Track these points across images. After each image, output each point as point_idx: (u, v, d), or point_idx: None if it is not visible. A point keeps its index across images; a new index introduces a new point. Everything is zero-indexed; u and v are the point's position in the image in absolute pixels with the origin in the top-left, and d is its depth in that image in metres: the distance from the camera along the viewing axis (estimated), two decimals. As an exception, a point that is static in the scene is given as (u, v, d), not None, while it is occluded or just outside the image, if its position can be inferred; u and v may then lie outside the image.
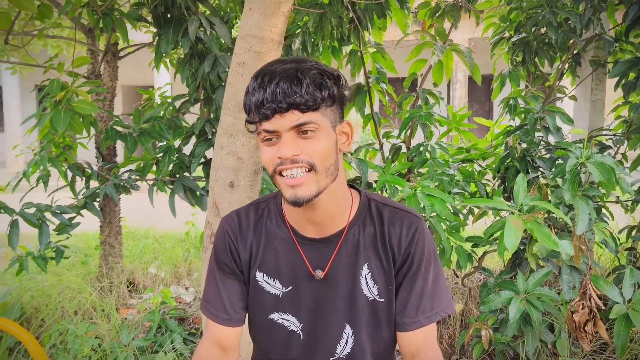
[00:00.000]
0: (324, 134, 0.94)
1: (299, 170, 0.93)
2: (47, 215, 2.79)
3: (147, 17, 3.07)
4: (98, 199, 2.99)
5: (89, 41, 3.63)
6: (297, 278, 1.07)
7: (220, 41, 2.87)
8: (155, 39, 2.90)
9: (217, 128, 1.93)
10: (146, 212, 4.38)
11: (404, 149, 3.04)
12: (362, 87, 3.14)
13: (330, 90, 0.94)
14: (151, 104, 3.47)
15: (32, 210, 2.74)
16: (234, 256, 1.09)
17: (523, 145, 2.65)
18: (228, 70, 1.98)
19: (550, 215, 2.30)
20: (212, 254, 1.13)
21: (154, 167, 2.96)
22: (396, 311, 1.06)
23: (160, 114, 2.98)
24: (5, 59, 4.14)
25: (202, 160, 2.83)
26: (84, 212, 2.98)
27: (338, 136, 0.99)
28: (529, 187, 2.39)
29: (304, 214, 1.03)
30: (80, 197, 2.99)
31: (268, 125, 0.92)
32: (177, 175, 2.89)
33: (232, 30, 2.98)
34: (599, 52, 3.37)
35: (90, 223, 3.68)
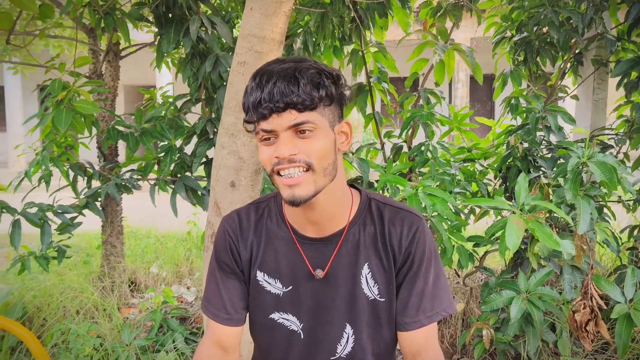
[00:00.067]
0: (322, 134, 0.94)
1: (296, 170, 0.93)
2: (49, 214, 2.80)
3: (149, 16, 3.07)
4: (100, 199, 2.99)
5: (91, 41, 3.63)
6: (298, 278, 1.06)
7: (222, 41, 2.87)
8: (157, 38, 2.91)
9: (218, 128, 1.93)
10: (148, 211, 4.38)
11: (405, 149, 3.04)
12: (363, 87, 3.14)
13: (328, 89, 0.93)
14: (153, 104, 3.47)
15: (34, 210, 2.74)
16: (235, 256, 1.09)
17: (525, 145, 2.64)
18: (229, 70, 1.98)
19: (552, 214, 2.29)
20: (212, 253, 1.13)
21: (155, 167, 2.97)
22: (397, 311, 1.06)
23: (161, 114, 2.99)
24: (7, 59, 4.14)
25: (204, 160, 2.83)
26: (86, 211, 2.98)
27: (337, 136, 0.99)
28: (530, 186, 2.38)
29: (303, 214, 1.03)
30: (82, 196, 2.99)
31: (265, 124, 0.92)
32: (179, 175, 2.89)
33: (234, 30, 2.98)
34: (601, 52, 3.36)
35: (92, 223, 3.68)
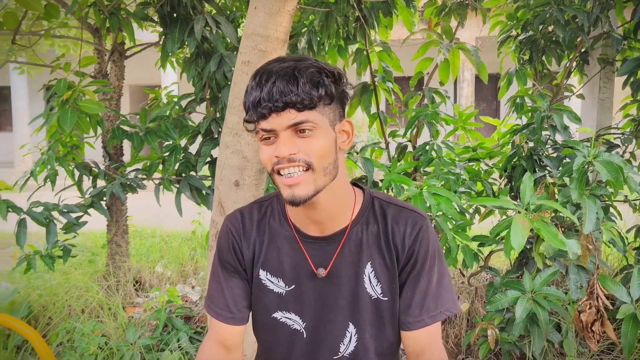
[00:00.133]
0: (321, 133, 0.94)
1: (296, 169, 0.93)
2: (55, 214, 2.81)
3: (154, 16, 3.07)
4: (105, 198, 3.00)
5: (96, 41, 3.64)
6: (300, 276, 1.06)
7: (226, 40, 2.87)
8: (162, 38, 2.91)
9: (223, 127, 1.93)
10: (153, 211, 4.39)
11: (410, 148, 3.03)
12: (368, 86, 3.14)
13: (328, 88, 0.93)
14: (157, 103, 3.48)
15: (39, 209, 2.75)
16: (238, 255, 1.09)
17: (530, 144, 2.63)
18: (234, 69, 1.98)
19: (557, 214, 2.28)
20: (215, 252, 1.13)
21: (160, 166, 2.97)
22: (400, 310, 1.06)
23: (166, 113, 2.99)
24: (13, 59, 4.16)
25: (208, 159, 2.84)
26: (91, 211, 2.99)
27: (338, 134, 0.98)
28: (535, 186, 2.37)
29: (305, 213, 1.02)
30: (87, 196, 3.00)
31: (265, 124, 0.92)
32: (183, 175, 2.90)
33: (238, 30, 2.98)
34: (607, 50, 3.35)
35: (97, 222, 3.69)
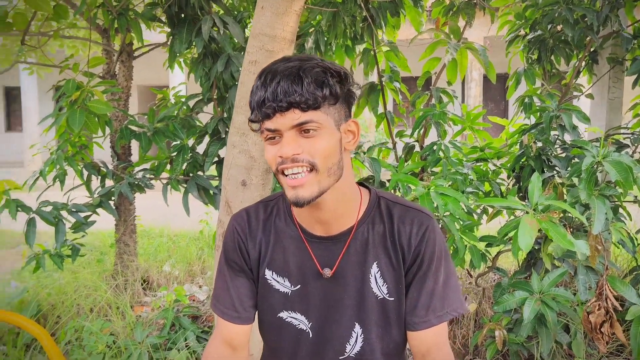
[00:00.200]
0: (326, 133, 0.94)
1: (300, 170, 0.93)
2: (64, 213, 2.82)
3: (161, 17, 3.09)
4: (113, 198, 3.02)
5: (104, 41, 3.67)
6: (306, 276, 1.06)
7: (234, 40, 2.88)
8: (169, 38, 2.92)
9: (230, 127, 1.94)
10: (160, 211, 4.41)
11: (417, 148, 3.02)
12: (375, 86, 3.13)
13: (333, 88, 0.93)
14: (165, 104, 3.49)
15: (48, 208, 2.77)
16: (243, 254, 1.09)
17: (538, 144, 2.61)
18: (241, 69, 1.98)
19: (566, 214, 2.27)
20: (221, 252, 1.13)
21: (168, 166, 2.99)
22: (406, 310, 1.05)
23: (174, 114, 3.00)
24: (22, 59, 4.20)
25: (216, 159, 2.85)
26: (100, 210, 3.01)
27: (343, 135, 0.98)
28: (544, 186, 2.36)
29: (310, 213, 1.02)
30: (95, 195, 3.02)
31: (270, 124, 0.92)
32: (191, 174, 2.91)
33: (246, 30, 2.99)
34: (616, 50, 3.32)
35: (105, 221, 3.71)
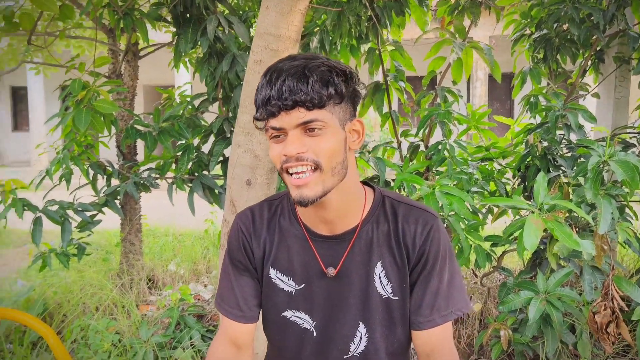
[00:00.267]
0: (331, 132, 0.93)
1: (304, 168, 0.93)
2: (70, 212, 2.84)
3: (167, 16, 3.10)
4: (119, 197, 3.03)
5: (110, 41, 3.68)
6: (310, 275, 1.06)
7: (239, 40, 2.88)
8: (175, 38, 2.93)
9: (235, 126, 1.94)
10: (166, 210, 4.42)
11: (422, 148, 3.02)
12: (380, 86, 3.13)
13: (338, 87, 0.93)
14: (171, 103, 3.50)
15: (55, 207, 2.79)
16: (248, 253, 1.09)
17: (544, 144, 2.60)
18: (246, 69, 1.99)
19: (572, 214, 2.26)
20: (226, 250, 1.13)
21: (173, 166, 2.99)
22: (411, 310, 1.05)
23: (179, 113, 3.01)
24: (29, 59, 4.22)
25: (221, 158, 2.85)
26: (105, 209, 3.02)
27: (348, 134, 0.98)
28: (549, 185, 2.35)
29: (315, 212, 1.02)
30: (101, 195, 3.03)
31: (275, 122, 0.92)
32: (196, 174, 2.92)
33: (251, 29, 2.99)
34: (623, 49, 3.30)
35: (111, 221, 3.73)
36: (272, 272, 1.08)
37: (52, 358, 2.79)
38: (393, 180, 2.72)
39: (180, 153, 2.89)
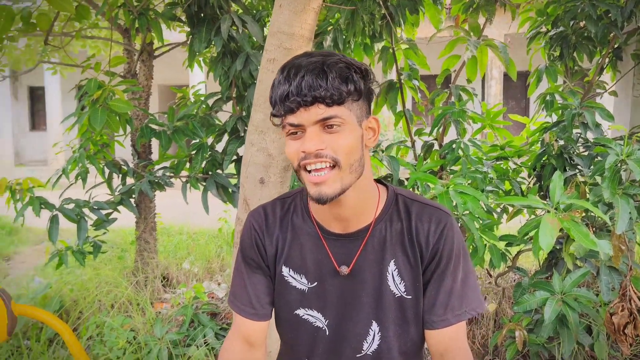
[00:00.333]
0: (349, 129, 0.93)
1: (322, 165, 0.92)
2: (86, 211, 2.87)
3: (181, 16, 3.12)
4: (134, 196, 3.06)
5: (125, 41, 3.71)
6: (323, 274, 1.06)
7: (252, 39, 2.89)
8: (189, 38, 2.95)
9: (248, 125, 1.94)
10: (180, 209, 4.45)
11: (436, 146, 3.00)
12: (394, 84, 3.12)
13: (357, 84, 0.92)
14: (185, 102, 3.52)
15: (71, 206, 2.82)
16: (260, 251, 1.09)
17: (560, 142, 2.57)
18: (259, 68, 1.99)
19: (589, 214, 2.23)
20: (239, 248, 1.13)
21: (187, 165, 3.01)
22: (424, 309, 1.04)
23: (193, 112, 3.03)
24: (46, 59, 4.27)
25: (234, 157, 2.86)
26: (121, 208, 3.05)
27: (364, 131, 0.97)
28: (565, 185, 2.32)
29: (329, 210, 1.02)
30: (116, 193, 3.06)
31: (293, 118, 0.92)
32: (210, 173, 2.93)
33: (264, 29, 3.00)
34: (641, 46, 3.25)
35: (126, 219, 3.77)
36: (285, 270, 1.08)
37: (68, 354, 2.83)
38: (406, 179, 2.71)
39: (194, 152, 2.90)
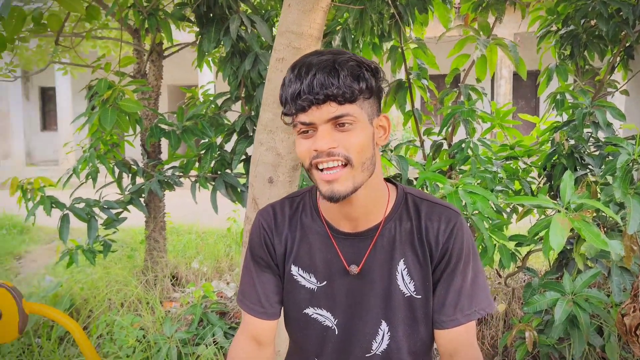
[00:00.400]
0: (360, 127, 0.93)
1: (335, 164, 0.91)
2: (96, 210, 2.89)
3: (190, 16, 3.13)
4: (143, 195, 3.07)
5: (135, 41, 3.73)
6: (332, 273, 1.05)
7: (261, 39, 2.90)
8: (198, 38, 2.96)
9: (257, 124, 1.95)
10: (189, 208, 4.47)
11: (445, 146, 2.99)
12: (403, 84, 3.11)
13: (368, 82, 0.92)
14: (194, 102, 3.54)
15: (81, 205, 2.84)
16: (269, 250, 1.09)
17: (571, 142, 2.55)
18: (268, 67, 1.99)
19: (600, 214, 2.21)
20: (247, 247, 1.13)
21: (196, 164, 3.02)
22: (434, 308, 1.04)
23: (202, 112, 3.04)
24: (56, 59, 4.30)
25: (243, 157, 2.87)
26: (130, 207, 3.07)
27: (375, 130, 0.97)
28: (576, 184, 2.30)
29: (339, 209, 1.02)
30: (126, 193, 3.08)
31: (304, 117, 0.91)
32: (219, 172, 2.94)
33: (273, 29, 3.00)
34: (653, 44, 3.21)
35: (136, 218, 3.78)
36: (294, 269, 1.08)
37: (78, 352, 2.85)
38: (415, 179, 2.70)
39: (203, 152, 2.91)
